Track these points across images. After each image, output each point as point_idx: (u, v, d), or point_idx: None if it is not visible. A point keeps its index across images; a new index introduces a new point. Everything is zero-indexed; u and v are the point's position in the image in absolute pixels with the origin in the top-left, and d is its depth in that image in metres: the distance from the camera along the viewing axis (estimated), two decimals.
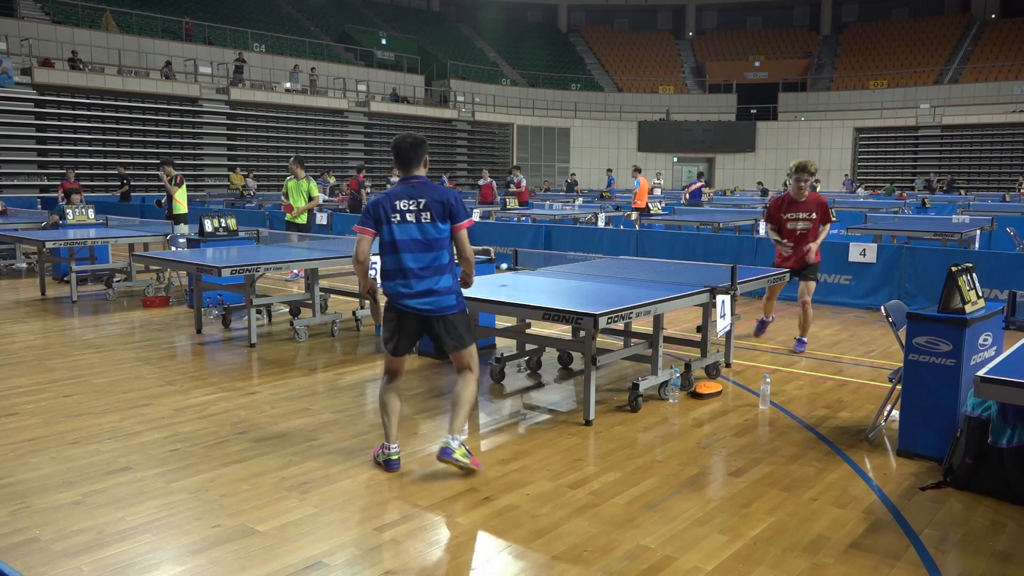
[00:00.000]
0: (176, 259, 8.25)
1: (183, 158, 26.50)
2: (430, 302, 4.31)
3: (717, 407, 5.67)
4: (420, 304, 4.31)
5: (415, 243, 4.29)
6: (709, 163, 40.19)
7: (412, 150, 4.36)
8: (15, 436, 4.95)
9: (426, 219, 4.28)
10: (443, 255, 4.34)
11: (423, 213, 4.28)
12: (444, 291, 4.33)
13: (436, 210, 4.29)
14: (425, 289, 4.31)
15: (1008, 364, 3.65)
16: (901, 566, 3.39)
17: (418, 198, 4.30)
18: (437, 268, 4.31)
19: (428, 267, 4.30)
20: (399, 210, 4.30)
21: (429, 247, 4.30)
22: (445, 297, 4.33)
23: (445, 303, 4.33)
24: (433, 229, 4.29)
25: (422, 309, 4.32)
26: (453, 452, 4.24)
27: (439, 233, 4.30)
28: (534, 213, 17.02)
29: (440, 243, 4.32)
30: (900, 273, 9.46)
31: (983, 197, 24.87)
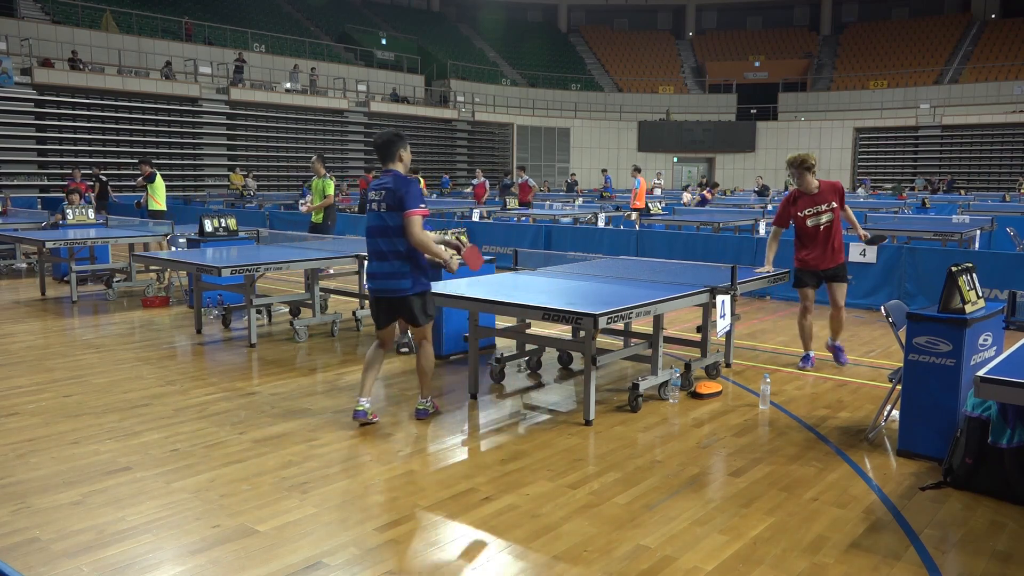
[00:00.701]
0: (176, 259, 8.25)
1: (183, 158, 26.52)
2: (384, 285, 4.93)
3: (717, 407, 5.67)
4: (377, 286, 4.97)
5: (376, 229, 4.91)
6: (709, 163, 40.19)
7: (385, 146, 4.95)
8: (15, 436, 4.95)
9: (383, 208, 4.84)
10: (398, 242, 4.83)
11: (382, 203, 4.84)
12: (398, 275, 4.88)
13: (390, 200, 4.81)
14: (380, 272, 4.93)
15: (1008, 364, 3.65)
16: (901, 566, 3.39)
17: (381, 189, 4.88)
18: (393, 253, 4.86)
19: (384, 252, 4.88)
20: (371, 199, 4.94)
21: (385, 233, 4.86)
22: (400, 281, 4.89)
23: (397, 286, 4.90)
24: (388, 217, 4.83)
25: (377, 290, 4.98)
26: (428, 412, 5.28)
27: (393, 221, 4.81)
28: (534, 213, 17.02)
29: (394, 230, 4.82)
30: (900, 273, 9.46)
31: (983, 197, 24.86)
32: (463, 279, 6.48)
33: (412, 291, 4.94)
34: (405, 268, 4.90)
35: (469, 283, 6.23)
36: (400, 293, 4.94)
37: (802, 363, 6.81)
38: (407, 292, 4.94)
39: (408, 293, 4.94)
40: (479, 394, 5.90)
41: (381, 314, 5.10)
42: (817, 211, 6.49)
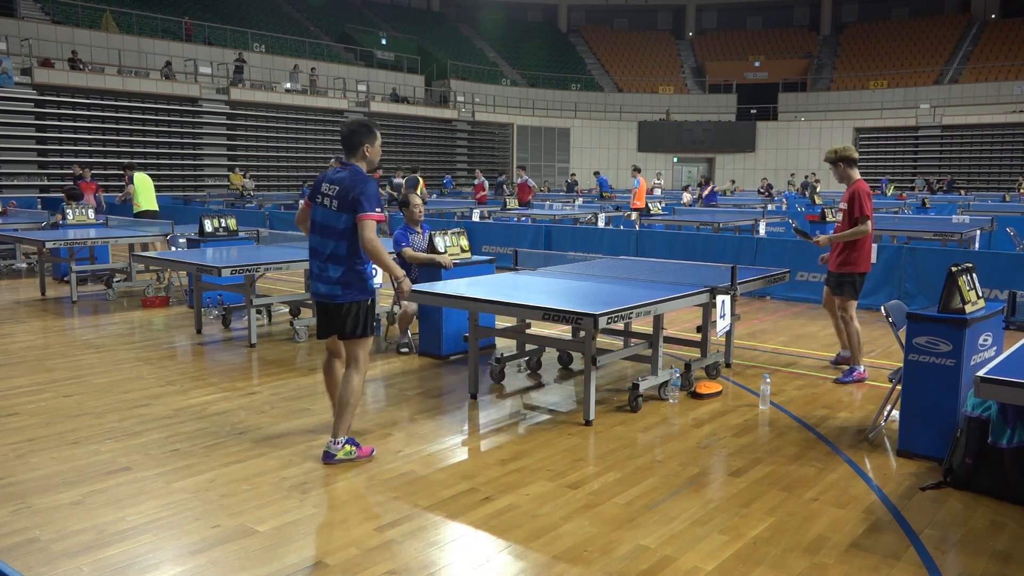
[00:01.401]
0: (176, 259, 8.25)
1: (183, 158, 26.51)
2: (319, 288, 4.49)
3: (717, 407, 5.67)
4: (314, 288, 4.55)
5: (321, 226, 4.44)
6: (709, 163, 40.19)
7: (349, 137, 4.47)
8: (15, 436, 4.95)
9: (333, 206, 4.36)
10: (340, 245, 4.37)
11: (334, 200, 4.37)
12: (333, 280, 4.41)
13: (342, 199, 4.33)
14: (318, 273, 4.48)
15: (1008, 364, 3.65)
16: (901, 566, 3.39)
17: (335, 184, 4.40)
18: (332, 256, 4.39)
19: (324, 252, 4.42)
20: (322, 191, 4.45)
21: (329, 233, 4.39)
22: (334, 286, 4.42)
23: (332, 292, 4.43)
24: (336, 217, 4.36)
25: (315, 293, 4.55)
26: (335, 456, 4.46)
27: (339, 222, 4.35)
28: (534, 213, 17.02)
29: (339, 232, 4.36)
30: (900, 273, 9.46)
31: (983, 197, 24.86)
32: (463, 279, 6.49)
33: (344, 299, 4.44)
34: (340, 273, 4.41)
35: (469, 283, 6.23)
36: (333, 299, 4.46)
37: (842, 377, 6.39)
38: (339, 299, 4.45)
39: (340, 301, 4.44)
40: (479, 394, 5.90)
41: (320, 321, 4.62)
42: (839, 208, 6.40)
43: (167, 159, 25.99)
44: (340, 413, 4.47)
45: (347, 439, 4.51)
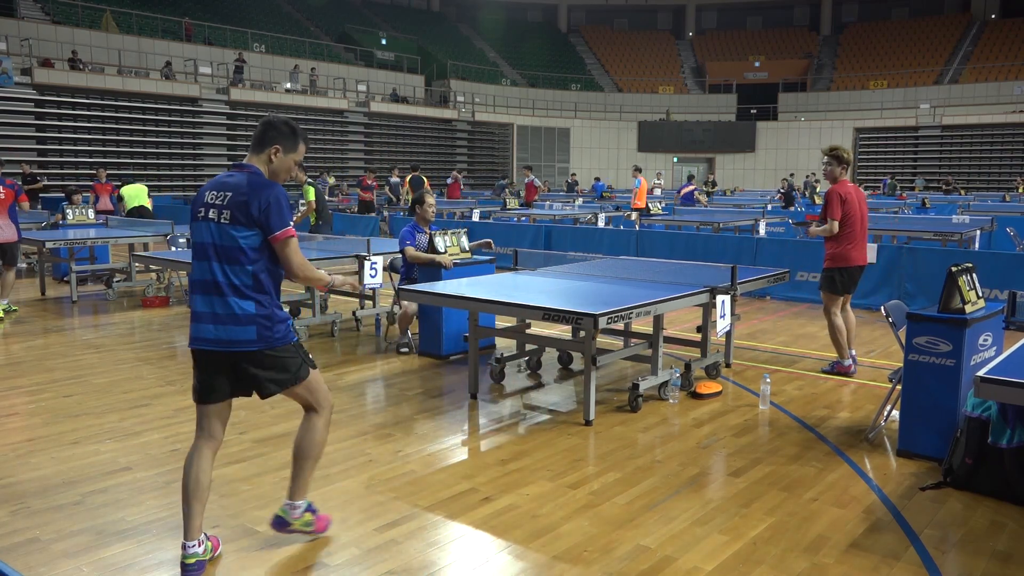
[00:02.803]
0: (176, 259, 8.25)
1: (183, 158, 26.51)
2: (215, 333, 3.22)
3: (717, 407, 5.67)
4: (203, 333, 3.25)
5: (207, 248, 3.24)
6: (709, 163, 40.19)
7: (262, 131, 3.38)
8: (15, 436, 4.95)
9: (225, 219, 3.20)
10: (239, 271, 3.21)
11: (223, 211, 3.21)
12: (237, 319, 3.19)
13: (239, 210, 3.19)
14: (209, 313, 3.23)
15: (1008, 364, 3.65)
16: (901, 566, 3.39)
17: (226, 191, 3.24)
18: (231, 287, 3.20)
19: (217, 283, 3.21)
20: (207, 202, 3.27)
21: (222, 256, 3.21)
22: (240, 328, 3.19)
23: (235, 336, 3.20)
24: (230, 234, 3.20)
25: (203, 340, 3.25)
26: (290, 524, 3.51)
27: (234, 240, 3.19)
28: (534, 213, 17.02)
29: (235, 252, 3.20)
30: (900, 273, 9.46)
31: (983, 197, 24.86)
32: (463, 279, 6.49)
33: (256, 346, 3.21)
34: (248, 308, 3.20)
35: (469, 283, 6.23)
36: (238, 347, 3.20)
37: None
38: (248, 347, 3.20)
39: (249, 348, 3.21)
40: (479, 394, 5.90)
41: (207, 380, 3.29)
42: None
43: (167, 159, 25.99)
44: (300, 470, 3.48)
45: (307, 505, 3.56)
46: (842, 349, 6.54)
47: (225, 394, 3.33)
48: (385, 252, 7.94)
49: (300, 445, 3.49)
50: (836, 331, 6.48)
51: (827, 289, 6.49)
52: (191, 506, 3.27)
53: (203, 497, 3.29)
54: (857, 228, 6.40)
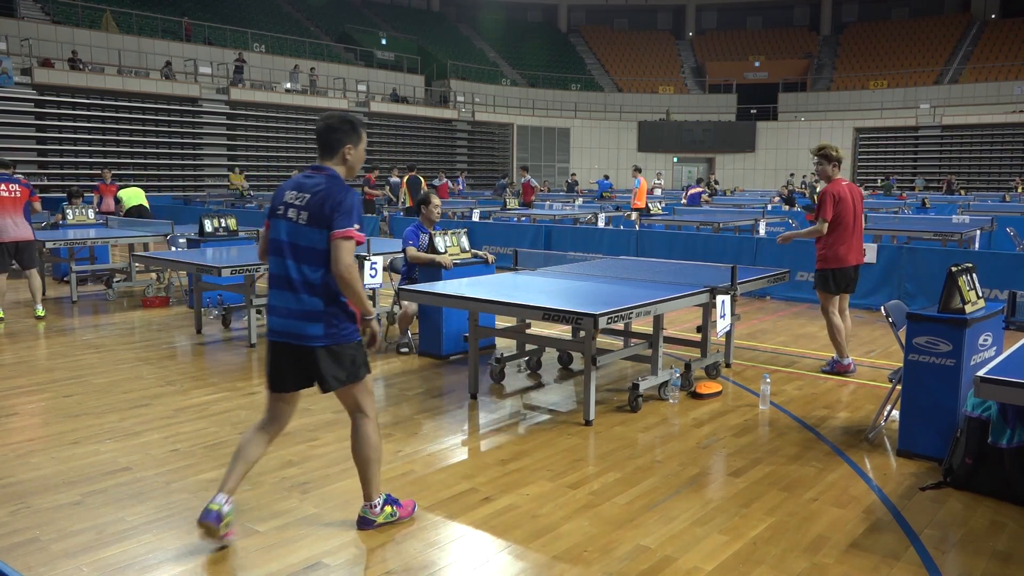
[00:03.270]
0: (176, 259, 8.25)
1: (183, 158, 26.51)
2: (285, 326, 3.46)
3: (717, 407, 5.67)
4: (276, 326, 3.49)
5: (284, 246, 3.45)
6: (709, 163, 40.20)
7: (326, 134, 3.62)
8: (15, 436, 4.95)
9: (303, 220, 3.40)
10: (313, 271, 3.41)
11: (302, 212, 3.41)
12: (307, 316, 3.41)
13: (316, 210, 3.39)
14: (283, 308, 3.46)
15: (1008, 364, 3.65)
16: (901, 566, 3.39)
17: (305, 192, 3.45)
18: (303, 284, 3.41)
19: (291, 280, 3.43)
20: (285, 202, 3.48)
21: (297, 255, 3.42)
22: (307, 324, 3.41)
23: (302, 331, 3.42)
24: (306, 234, 3.40)
25: (277, 332, 3.49)
26: (374, 522, 3.64)
27: (310, 240, 3.39)
28: (534, 213, 17.02)
29: (310, 253, 3.40)
30: (900, 273, 9.46)
31: (983, 197, 24.87)
32: (463, 279, 6.49)
33: (328, 340, 3.42)
34: (317, 305, 3.40)
35: (469, 283, 6.24)
36: (306, 341, 3.41)
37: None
38: (319, 342, 3.41)
39: (322, 344, 3.41)
40: (479, 394, 5.90)
41: (279, 371, 3.52)
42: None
43: (167, 159, 25.98)
44: (366, 474, 3.61)
45: (385, 498, 3.70)
46: (841, 348, 6.55)
47: (293, 384, 3.54)
48: (385, 252, 7.94)
49: (359, 454, 3.61)
50: (835, 330, 6.49)
51: (821, 289, 6.49)
52: (234, 467, 3.54)
53: (246, 465, 3.56)
54: (849, 228, 6.38)
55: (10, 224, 8.52)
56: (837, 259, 6.37)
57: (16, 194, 8.61)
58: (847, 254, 6.38)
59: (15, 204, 8.59)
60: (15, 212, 8.58)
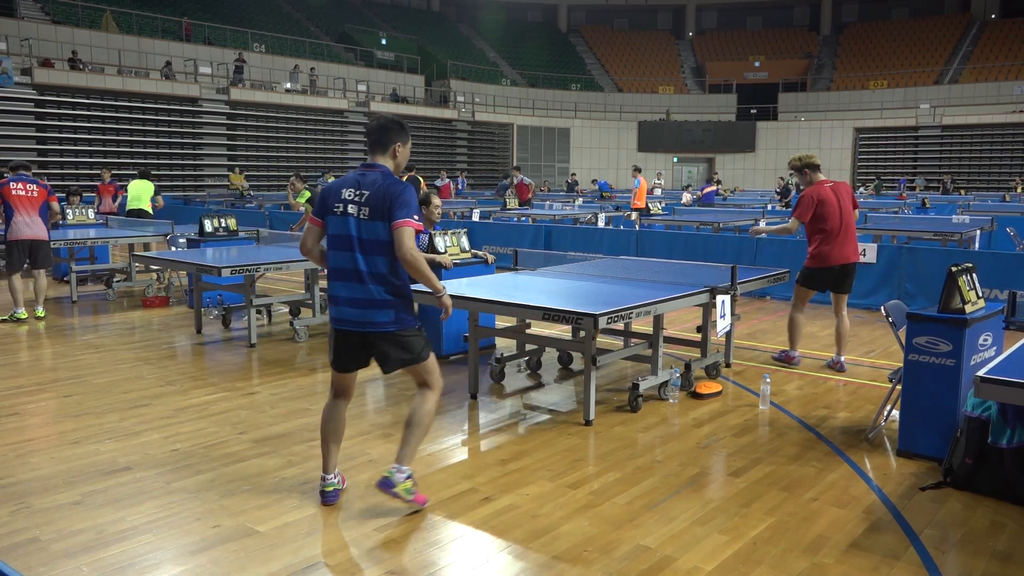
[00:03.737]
0: (176, 259, 8.25)
1: (183, 158, 26.51)
2: (354, 315, 3.72)
3: (717, 407, 5.67)
4: (343, 315, 3.76)
5: (346, 240, 3.70)
6: (709, 163, 40.19)
7: (379, 132, 3.80)
8: (15, 436, 4.95)
9: (363, 215, 3.66)
10: (378, 261, 3.68)
11: (363, 207, 3.67)
12: (376, 304, 3.68)
13: (375, 204, 3.65)
14: (350, 298, 3.71)
15: (1008, 364, 3.65)
16: (901, 566, 3.39)
17: (363, 189, 3.69)
18: (371, 275, 3.68)
19: (358, 271, 3.69)
20: (344, 199, 3.72)
21: (361, 247, 3.68)
22: (377, 311, 3.69)
23: (372, 318, 3.70)
24: (367, 227, 3.66)
25: (343, 321, 3.76)
26: (394, 486, 3.77)
27: (372, 232, 3.66)
28: (534, 213, 17.02)
29: (373, 245, 3.67)
30: (900, 273, 9.45)
31: (983, 197, 24.87)
32: (463, 279, 6.49)
33: (397, 326, 3.72)
34: (385, 294, 3.68)
35: (469, 283, 6.23)
36: (373, 328, 3.71)
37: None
38: (389, 327, 3.71)
39: (391, 329, 3.71)
40: (479, 394, 5.90)
41: (345, 355, 3.84)
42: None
43: (167, 159, 25.98)
44: (409, 436, 3.81)
45: (410, 473, 3.85)
46: (794, 340, 6.86)
47: (356, 366, 3.89)
48: None
49: (412, 414, 3.87)
50: (793, 324, 6.82)
51: (801, 283, 6.67)
52: (330, 447, 3.94)
53: (340, 440, 3.98)
54: (836, 227, 6.46)
55: (26, 223, 8.61)
56: (824, 258, 6.50)
57: (33, 194, 8.71)
58: (830, 253, 6.48)
59: (32, 204, 8.68)
60: (32, 212, 8.67)
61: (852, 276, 6.66)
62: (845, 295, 6.69)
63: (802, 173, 6.67)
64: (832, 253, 6.47)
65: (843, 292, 6.66)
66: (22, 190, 8.60)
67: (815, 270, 6.56)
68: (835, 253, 6.48)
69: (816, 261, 6.53)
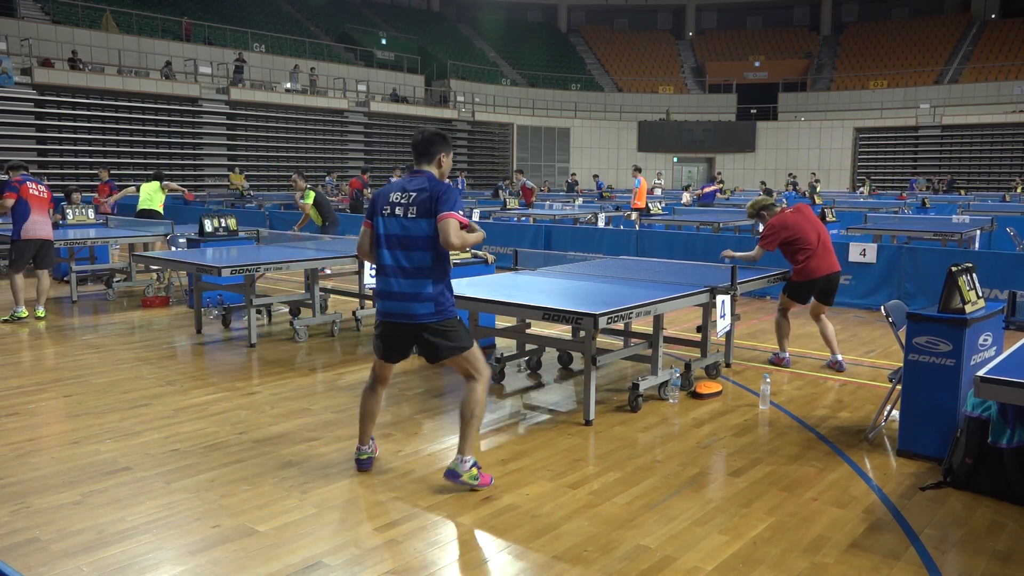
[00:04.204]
0: (176, 259, 8.25)
1: (183, 158, 26.51)
2: (399, 307, 4.02)
3: (717, 407, 5.67)
4: (389, 308, 4.06)
5: (395, 239, 4.00)
6: (709, 163, 40.20)
7: (425, 144, 4.10)
8: (15, 436, 4.95)
9: (411, 214, 3.96)
10: (423, 256, 3.96)
11: (411, 207, 3.97)
12: (419, 297, 3.97)
13: (422, 204, 3.94)
14: (397, 292, 4.01)
15: (1008, 364, 3.65)
16: (901, 566, 3.39)
17: (410, 191, 4.01)
18: (415, 270, 3.97)
19: (404, 268, 3.98)
20: (392, 202, 4.04)
21: (408, 244, 3.97)
22: (418, 304, 3.98)
23: (414, 311, 3.99)
24: (415, 225, 3.95)
25: (389, 313, 4.07)
26: (460, 476, 4.09)
27: (419, 230, 3.94)
28: (534, 213, 17.02)
29: (420, 241, 3.95)
30: (900, 273, 9.45)
31: (983, 197, 24.87)
32: (463, 279, 6.49)
33: (439, 317, 4.01)
34: (428, 288, 3.97)
35: (469, 283, 6.23)
36: (418, 319, 3.99)
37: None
38: (432, 318, 4.00)
39: (434, 320, 4.00)
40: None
41: (389, 344, 4.15)
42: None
43: (167, 159, 25.98)
44: (466, 428, 4.07)
45: (474, 461, 4.12)
46: (782, 342, 6.94)
47: (399, 356, 4.21)
48: None
49: (464, 406, 4.12)
50: (778, 328, 6.93)
51: (788, 295, 6.78)
52: (366, 424, 4.35)
53: (375, 418, 4.39)
54: (814, 242, 6.60)
55: (41, 222, 8.72)
56: (808, 272, 6.61)
57: (43, 194, 8.84)
58: (818, 265, 6.59)
59: (43, 204, 8.80)
60: (43, 211, 8.78)
61: (836, 286, 6.74)
62: (827, 306, 6.77)
63: (761, 217, 7.03)
64: (815, 265, 6.57)
65: (827, 303, 6.73)
66: (35, 190, 8.72)
67: (801, 283, 6.66)
68: (818, 264, 6.58)
69: (801, 275, 6.63)
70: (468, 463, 4.09)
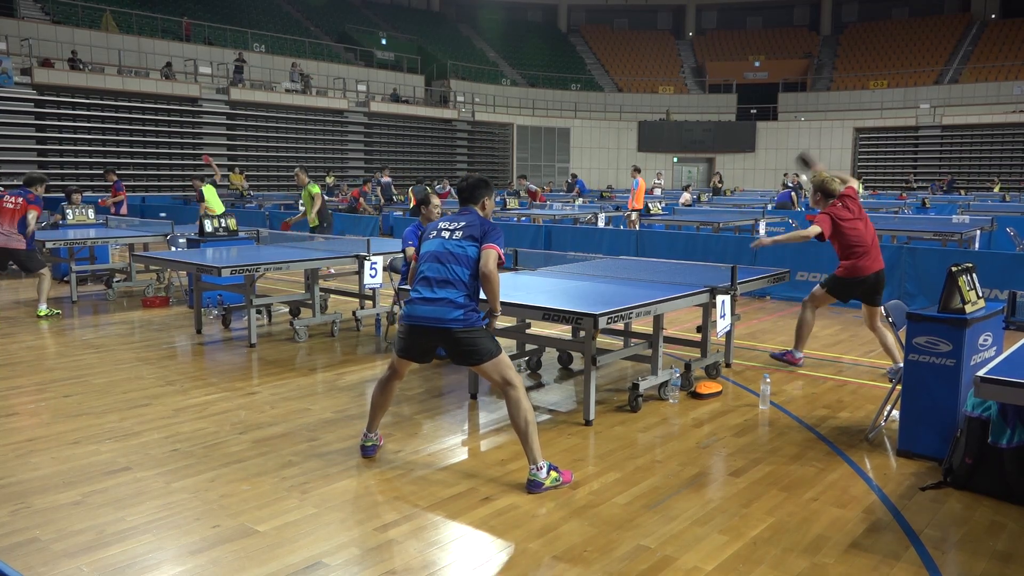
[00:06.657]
0: (176, 259, 8.25)
1: (183, 158, 26.49)
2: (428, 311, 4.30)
3: (717, 407, 5.67)
4: (417, 311, 4.34)
5: (438, 254, 4.38)
6: (709, 163, 40.18)
7: (470, 189, 4.56)
8: (15, 436, 4.95)
9: (457, 236, 4.38)
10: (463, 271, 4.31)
11: (457, 231, 4.40)
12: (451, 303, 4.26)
13: (470, 232, 4.37)
14: (430, 297, 4.31)
15: (1008, 364, 3.65)
16: (901, 566, 3.39)
17: (458, 222, 4.46)
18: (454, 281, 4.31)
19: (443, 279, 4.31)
20: (439, 228, 4.51)
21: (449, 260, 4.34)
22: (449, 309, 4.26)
23: (444, 315, 4.26)
24: (459, 245, 4.36)
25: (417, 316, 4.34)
26: (543, 484, 4.17)
27: (463, 250, 4.34)
28: (534, 213, 17.03)
29: (462, 258, 4.32)
30: (900, 273, 9.45)
31: (983, 197, 24.86)
32: None
33: (468, 323, 4.27)
34: (460, 297, 4.27)
35: None
36: (446, 323, 4.25)
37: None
38: (461, 324, 4.25)
39: (464, 325, 4.25)
40: (479, 394, 5.90)
41: (411, 344, 4.43)
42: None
43: (167, 159, 25.97)
44: (526, 439, 4.24)
45: (549, 464, 4.26)
46: (801, 342, 6.74)
47: (420, 357, 4.51)
48: (385, 252, 7.95)
49: (514, 420, 4.28)
50: (804, 324, 6.68)
51: (829, 290, 6.46)
52: (376, 413, 4.63)
53: (386, 409, 4.67)
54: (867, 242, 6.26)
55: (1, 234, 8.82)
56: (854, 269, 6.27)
57: (16, 206, 8.94)
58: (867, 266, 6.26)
59: (12, 216, 8.88)
60: (10, 223, 8.89)
61: (884, 284, 6.37)
62: (878, 308, 6.19)
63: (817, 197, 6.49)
64: (870, 264, 6.23)
65: (875, 305, 6.28)
66: (10, 203, 8.88)
67: (848, 280, 6.30)
68: (872, 264, 6.24)
69: (851, 271, 6.26)
70: (544, 469, 4.19)
